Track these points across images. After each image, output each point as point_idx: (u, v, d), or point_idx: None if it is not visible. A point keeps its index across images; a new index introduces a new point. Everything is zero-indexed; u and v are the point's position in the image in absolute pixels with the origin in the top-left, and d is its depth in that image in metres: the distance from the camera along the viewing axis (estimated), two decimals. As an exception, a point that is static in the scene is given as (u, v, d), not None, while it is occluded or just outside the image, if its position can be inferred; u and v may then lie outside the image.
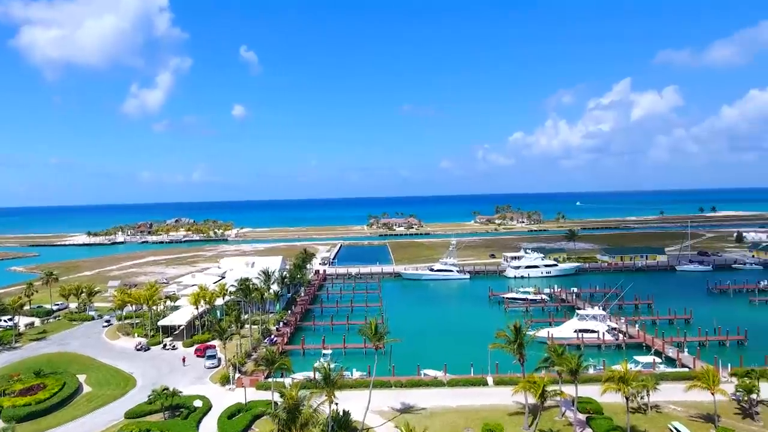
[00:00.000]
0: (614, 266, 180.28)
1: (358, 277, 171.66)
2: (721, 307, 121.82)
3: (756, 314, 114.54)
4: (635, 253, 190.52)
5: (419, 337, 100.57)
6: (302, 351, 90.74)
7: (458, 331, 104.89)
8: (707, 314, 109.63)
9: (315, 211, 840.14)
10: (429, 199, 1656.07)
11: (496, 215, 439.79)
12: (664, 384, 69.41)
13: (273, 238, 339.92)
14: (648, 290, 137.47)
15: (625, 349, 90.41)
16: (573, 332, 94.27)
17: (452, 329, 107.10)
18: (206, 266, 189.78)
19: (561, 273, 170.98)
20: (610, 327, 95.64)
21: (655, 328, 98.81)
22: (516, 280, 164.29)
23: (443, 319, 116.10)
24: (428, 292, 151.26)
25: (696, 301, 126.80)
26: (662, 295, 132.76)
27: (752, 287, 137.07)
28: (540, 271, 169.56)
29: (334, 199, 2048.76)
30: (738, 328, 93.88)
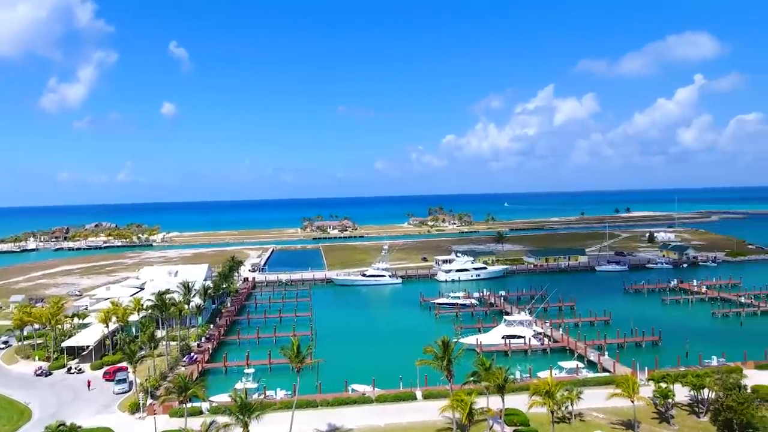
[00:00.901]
0: (540, 268, 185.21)
1: (288, 284, 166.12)
2: (637, 307, 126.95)
3: (668, 313, 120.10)
4: (559, 254, 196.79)
5: (349, 349, 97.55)
6: (224, 369, 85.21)
7: (389, 341, 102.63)
8: (625, 315, 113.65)
9: (248, 213, 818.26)
10: (364, 200, 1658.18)
11: (429, 217, 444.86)
12: (586, 390, 70.10)
13: (202, 243, 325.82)
14: (571, 291, 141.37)
15: (550, 353, 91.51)
16: (501, 338, 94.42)
17: (383, 339, 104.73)
18: (126, 276, 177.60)
19: (490, 276, 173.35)
20: (536, 332, 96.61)
21: (577, 331, 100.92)
22: (447, 284, 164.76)
23: (374, 328, 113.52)
24: (360, 299, 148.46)
25: (614, 301, 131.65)
26: (584, 296, 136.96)
27: (664, 286, 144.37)
28: (470, 274, 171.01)
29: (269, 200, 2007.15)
30: (653, 329, 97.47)
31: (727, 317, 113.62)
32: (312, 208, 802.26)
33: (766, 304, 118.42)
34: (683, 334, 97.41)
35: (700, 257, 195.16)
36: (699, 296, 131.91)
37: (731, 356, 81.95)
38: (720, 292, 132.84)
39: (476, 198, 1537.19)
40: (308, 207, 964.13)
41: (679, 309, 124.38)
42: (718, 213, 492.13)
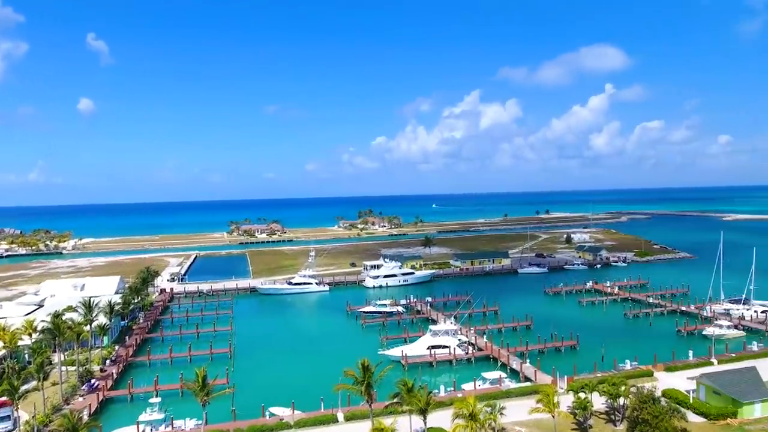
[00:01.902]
0: (466, 271, 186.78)
1: (209, 294, 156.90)
2: (556, 309, 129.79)
3: (585, 315, 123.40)
4: (484, 257, 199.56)
5: (270, 366, 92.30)
6: (130, 396, 77.26)
7: (313, 355, 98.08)
8: (545, 318, 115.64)
9: (172, 217, 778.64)
10: (295, 201, 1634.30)
11: (359, 220, 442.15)
12: (509, 402, 69.20)
13: (118, 250, 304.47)
14: (495, 295, 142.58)
15: (475, 363, 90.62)
16: (426, 349, 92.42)
17: (307, 353, 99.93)
18: (25, 290, 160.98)
19: (418, 281, 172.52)
20: (460, 341, 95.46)
21: (501, 337, 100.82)
22: (375, 290, 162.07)
23: (298, 342, 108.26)
24: (285, 309, 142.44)
25: (535, 304, 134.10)
26: (507, 299, 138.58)
27: (580, 288, 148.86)
28: (398, 279, 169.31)
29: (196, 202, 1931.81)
30: (571, 334, 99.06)
31: (638, 318, 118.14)
32: (241, 211, 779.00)
33: (671, 304, 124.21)
34: (599, 338, 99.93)
35: (612, 258, 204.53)
36: (612, 297, 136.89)
37: (643, 359, 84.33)
38: (630, 293, 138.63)
39: (406, 199, 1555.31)
40: (237, 209, 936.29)
41: (595, 310, 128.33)
42: (627, 214, 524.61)
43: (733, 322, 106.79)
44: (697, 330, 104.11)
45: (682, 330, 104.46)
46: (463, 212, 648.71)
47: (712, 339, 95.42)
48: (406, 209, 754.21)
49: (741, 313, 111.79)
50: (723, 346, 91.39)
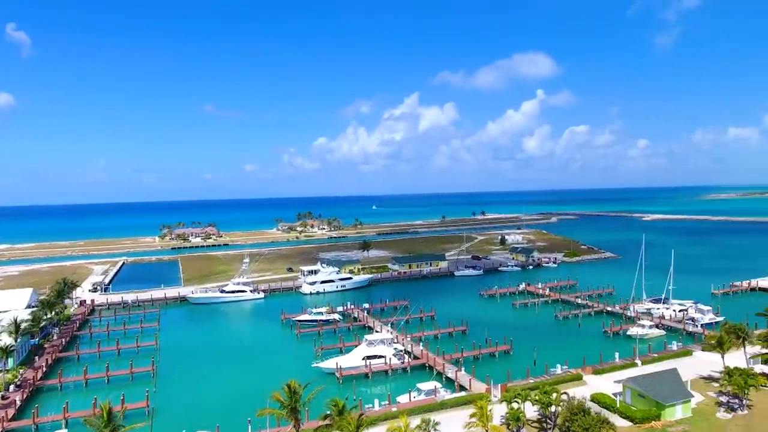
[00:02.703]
0: (404, 275, 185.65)
1: (134, 305, 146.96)
2: (490, 312, 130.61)
3: (518, 318, 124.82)
4: (421, 260, 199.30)
5: (197, 384, 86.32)
6: (34, 427, 69.54)
7: (243, 371, 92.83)
8: (480, 322, 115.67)
9: (101, 220, 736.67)
10: (234, 203, 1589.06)
11: (298, 222, 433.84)
12: (444, 414, 68.16)
13: (36, 257, 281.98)
14: (432, 300, 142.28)
15: (411, 372, 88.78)
16: (362, 360, 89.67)
17: (236, 368, 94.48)
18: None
19: (356, 286, 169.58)
20: (396, 350, 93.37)
21: (437, 345, 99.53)
22: (312, 296, 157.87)
23: (228, 356, 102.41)
24: (216, 320, 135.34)
25: (471, 308, 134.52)
26: (444, 304, 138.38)
27: (514, 290, 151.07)
28: (335, 285, 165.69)
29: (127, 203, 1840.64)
30: (505, 338, 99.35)
31: (568, 319, 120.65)
32: (176, 213, 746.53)
33: (598, 305, 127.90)
34: (532, 341, 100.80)
35: (543, 258, 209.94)
36: (544, 299, 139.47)
37: (573, 362, 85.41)
38: (560, 294, 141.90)
39: (347, 200, 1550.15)
40: (172, 211, 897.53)
41: (527, 312, 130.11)
42: (557, 214, 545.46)
43: (654, 321, 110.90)
44: (622, 330, 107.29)
45: (608, 331, 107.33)
46: (403, 214, 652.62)
47: (636, 339, 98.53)
48: (346, 210, 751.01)
49: (661, 313, 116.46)
50: (646, 346, 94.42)
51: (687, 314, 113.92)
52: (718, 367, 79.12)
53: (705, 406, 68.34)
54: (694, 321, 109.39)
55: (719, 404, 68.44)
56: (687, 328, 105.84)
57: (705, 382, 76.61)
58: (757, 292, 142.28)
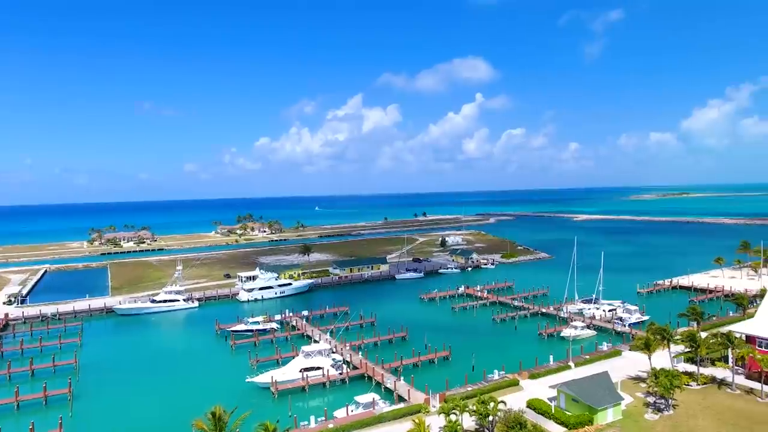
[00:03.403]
0: (344, 279, 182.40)
1: (54, 318, 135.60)
2: (430, 316, 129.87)
3: (457, 322, 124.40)
4: (363, 264, 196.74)
5: (118, 407, 79.45)
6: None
7: (171, 390, 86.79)
8: (420, 327, 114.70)
9: (24, 223, 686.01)
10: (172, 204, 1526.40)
11: (238, 225, 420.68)
12: (382, 428, 66.02)
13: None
14: (372, 305, 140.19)
15: (349, 383, 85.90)
16: (298, 372, 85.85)
17: (164, 386, 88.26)
18: None
19: (296, 292, 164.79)
20: (335, 360, 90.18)
21: (376, 353, 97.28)
22: (249, 304, 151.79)
23: (156, 372, 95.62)
24: (145, 332, 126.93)
25: (411, 313, 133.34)
26: (384, 309, 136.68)
27: (453, 293, 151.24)
28: (274, 292, 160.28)
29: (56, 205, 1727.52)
30: (444, 344, 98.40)
31: (505, 322, 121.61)
32: (108, 215, 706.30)
33: (533, 306, 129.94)
34: (470, 346, 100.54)
35: (482, 260, 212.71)
36: (482, 301, 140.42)
37: (510, 366, 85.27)
38: (498, 296, 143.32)
39: (290, 201, 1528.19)
40: (104, 213, 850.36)
41: (466, 316, 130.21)
42: (495, 215, 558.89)
43: (586, 322, 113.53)
44: (557, 332, 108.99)
45: (543, 333, 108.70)
46: (346, 215, 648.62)
47: (569, 341, 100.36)
48: (289, 212, 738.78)
49: (592, 313, 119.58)
50: (579, 347, 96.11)
51: (616, 314, 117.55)
52: (645, 367, 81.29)
53: (634, 407, 69.63)
54: (622, 321, 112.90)
55: (647, 405, 69.94)
56: (616, 328, 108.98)
57: (634, 382, 78.40)
58: (678, 290, 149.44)
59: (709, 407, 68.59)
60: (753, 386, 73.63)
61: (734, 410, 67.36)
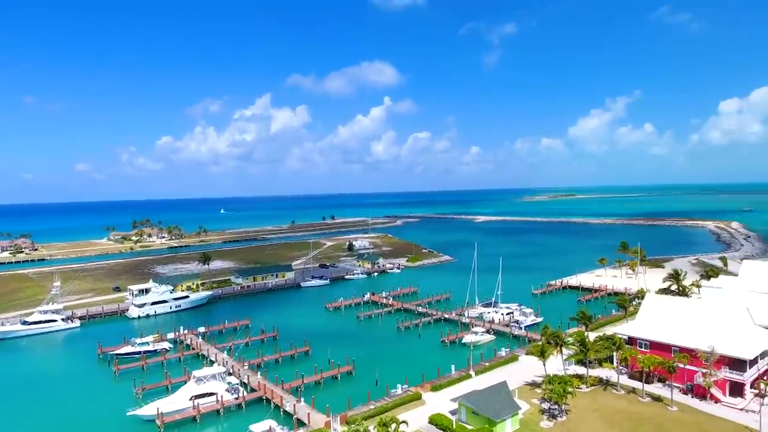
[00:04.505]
0: (247, 289, 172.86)
1: None
2: (335, 327, 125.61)
3: (362, 332, 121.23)
4: (267, 272, 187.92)
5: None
6: None
7: (40, 428, 75.11)
8: (324, 339, 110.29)
9: None
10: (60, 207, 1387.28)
11: (133, 231, 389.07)
12: (278, 460, 60.58)
13: None
14: (276, 316, 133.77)
15: (246, 408, 79.32)
16: (189, 400, 77.86)
17: (32, 425, 76.26)
18: None
19: (194, 305, 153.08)
20: (230, 384, 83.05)
21: (276, 372, 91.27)
22: (140, 321, 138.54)
23: (24, 406, 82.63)
24: (14, 360, 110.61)
25: (316, 324, 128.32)
26: (288, 320, 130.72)
27: (358, 301, 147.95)
28: (169, 306, 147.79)
29: None
30: (347, 358, 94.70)
31: (409, 330, 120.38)
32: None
33: (436, 312, 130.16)
34: (374, 358, 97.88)
35: (388, 265, 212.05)
36: (387, 309, 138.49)
37: (413, 379, 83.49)
38: (403, 303, 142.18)
39: (194, 203, 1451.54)
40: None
41: (371, 325, 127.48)
42: (402, 217, 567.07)
43: (485, 326, 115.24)
44: (458, 338, 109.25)
45: (446, 340, 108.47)
46: (252, 218, 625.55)
47: (470, 348, 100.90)
48: (192, 215, 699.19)
49: (491, 317, 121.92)
50: (479, 353, 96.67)
51: (513, 317, 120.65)
52: (540, 371, 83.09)
53: (530, 415, 70.26)
54: (519, 323, 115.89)
55: (543, 412, 70.88)
56: (513, 332, 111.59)
57: (530, 388, 79.61)
58: (568, 290, 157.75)
59: (597, 410, 70.90)
60: (635, 386, 77.49)
61: (620, 411, 70.13)
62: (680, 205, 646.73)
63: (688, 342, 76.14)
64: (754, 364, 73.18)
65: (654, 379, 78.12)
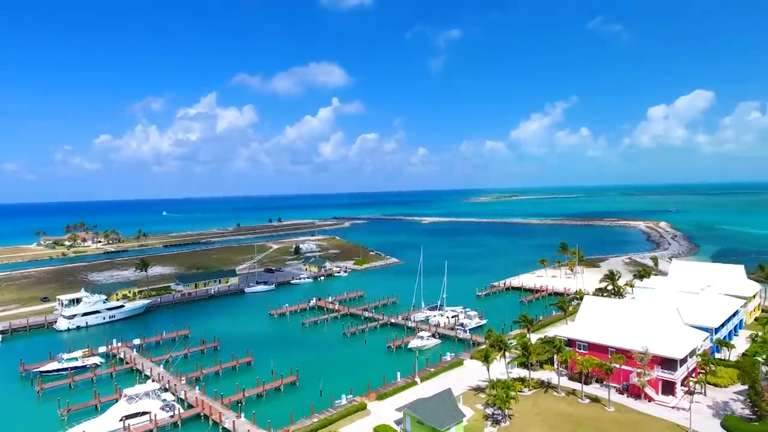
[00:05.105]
0: (188, 296, 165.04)
1: None
2: (280, 334, 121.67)
3: (307, 339, 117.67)
4: (209, 278, 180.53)
5: None
6: None
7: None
8: (268, 348, 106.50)
9: None
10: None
11: (66, 236, 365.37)
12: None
13: None
14: (217, 325, 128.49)
15: (182, 426, 74.73)
16: (119, 421, 72.37)
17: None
18: None
19: (129, 314, 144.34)
20: (165, 401, 77.97)
21: (216, 387, 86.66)
22: (70, 334, 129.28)
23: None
24: None
25: (260, 332, 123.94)
26: (230, 328, 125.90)
27: (304, 306, 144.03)
28: (102, 316, 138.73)
29: None
30: (291, 368, 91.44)
31: (355, 335, 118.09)
32: None
33: (383, 317, 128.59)
34: (319, 367, 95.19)
35: (335, 268, 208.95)
36: (333, 314, 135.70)
37: (358, 388, 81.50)
38: (349, 308, 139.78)
39: (135, 205, 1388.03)
40: None
41: (317, 331, 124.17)
42: (349, 219, 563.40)
43: (431, 330, 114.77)
44: (404, 343, 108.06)
45: (392, 346, 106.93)
46: (196, 220, 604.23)
47: (415, 353, 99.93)
48: (132, 218, 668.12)
49: (437, 320, 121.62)
50: (425, 358, 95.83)
51: (458, 320, 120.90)
52: (485, 375, 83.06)
53: (475, 422, 69.81)
54: (464, 327, 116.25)
55: (486, 418, 70.63)
56: (458, 335, 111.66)
57: (474, 393, 79.35)
58: (511, 291, 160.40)
59: (539, 413, 71.37)
60: (575, 387, 78.78)
61: (561, 414, 70.89)
62: (614, 205, 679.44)
63: (624, 343, 78.17)
64: (684, 363, 76.01)
65: (592, 380, 79.73)
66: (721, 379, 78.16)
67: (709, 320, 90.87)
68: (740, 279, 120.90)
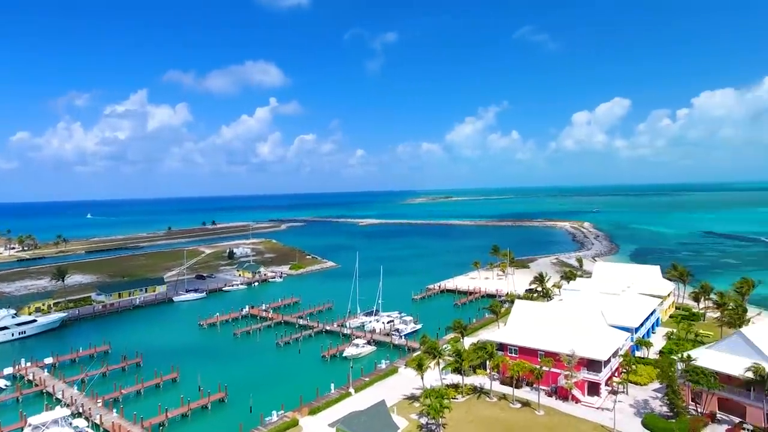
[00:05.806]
0: (111, 308, 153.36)
1: None
2: (209, 346, 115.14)
3: (238, 351, 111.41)
4: (134, 287, 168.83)
5: None
6: None
7: None
8: (195, 363, 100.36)
9: None
10: None
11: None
12: None
13: None
14: (141, 338, 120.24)
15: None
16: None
17: None
18: None
19: (42, 329, 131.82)
20: (77, 429, 70.71)
21: (136, 409, 79.82)
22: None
23: None
24: None
25: (188, 345, 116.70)
26: (155, 341, 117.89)
27: (236, 315, 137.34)
28: (11, 333, 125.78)
29: None
30: (219, 384, 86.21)
31: (289, 345, 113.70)
32: None
33: (318, 324, 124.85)
34: (250, 381, 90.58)
35: (269, 273, 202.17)
36: (267, 323, 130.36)
37: (290, 402, 77.86)
38: (283, 315, 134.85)
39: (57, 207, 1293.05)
40: None
41: (249, 342, 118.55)
42: (286, 221, 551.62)
43: (367, 337, 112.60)
44: (339, 352, 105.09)
45: (326, 355, 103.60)
46: (124, 224, 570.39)
47: (350, 362, 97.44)
48: (52, 221, 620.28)
49: (372, 326, 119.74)
50: (359, 367, 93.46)
51: (393, 326, 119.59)
52: (419, 383, 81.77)
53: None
54: (399, 332, 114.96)
55: (420, 428, 69.35)
56: (394, 341, 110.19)
57: (409, 402, 77.94)
58: (446, 294, 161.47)
59: (473, 420, 70.96)
60: (506, 391, 79.22)
61: (493, 420, 70.82)
62: (542, 206, 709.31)
63: (552, 346, 79.51)
64: (608, 364, 78.37)
65: (523, 384, 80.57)
66: (640, 377, 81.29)
67: (629, 320, 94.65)
68: (656, 279, 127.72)
